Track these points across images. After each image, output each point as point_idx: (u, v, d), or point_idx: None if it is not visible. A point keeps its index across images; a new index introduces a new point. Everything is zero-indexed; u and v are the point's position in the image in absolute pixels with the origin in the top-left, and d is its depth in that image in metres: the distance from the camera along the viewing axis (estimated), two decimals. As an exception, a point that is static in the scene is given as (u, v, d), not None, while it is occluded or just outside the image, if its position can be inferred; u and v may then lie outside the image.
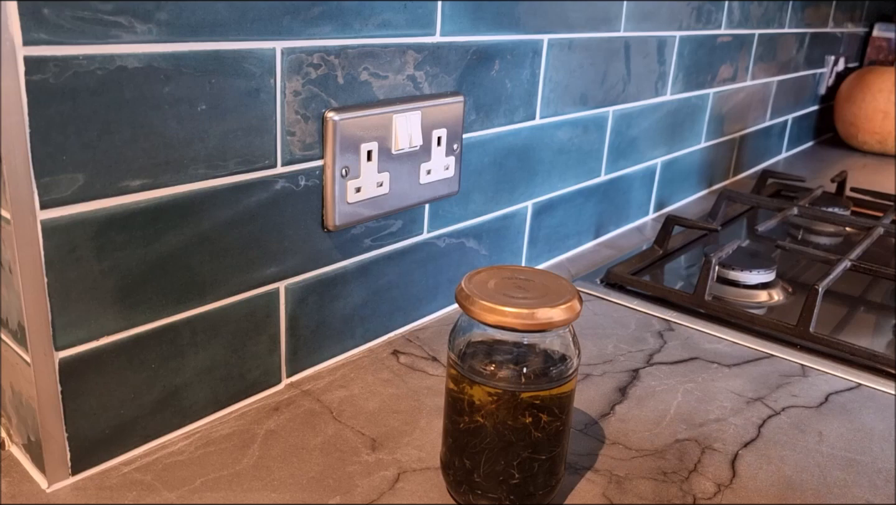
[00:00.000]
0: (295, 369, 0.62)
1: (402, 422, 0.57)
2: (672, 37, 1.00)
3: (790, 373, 0.68)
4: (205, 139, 0.49)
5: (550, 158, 0.84)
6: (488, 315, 0.44)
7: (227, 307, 0.54)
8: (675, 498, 0.50)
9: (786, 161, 1.58)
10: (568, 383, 0.46)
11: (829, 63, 1.67)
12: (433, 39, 0.64)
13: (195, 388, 0.54)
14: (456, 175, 0.70)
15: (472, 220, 0.76)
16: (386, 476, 0.51)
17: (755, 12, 1.22)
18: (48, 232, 0.43)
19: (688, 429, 0.58)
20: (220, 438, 0.54)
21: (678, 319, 0.77)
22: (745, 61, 1.25)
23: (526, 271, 0.49)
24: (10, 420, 0.51)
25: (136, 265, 0.48)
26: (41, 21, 0.40)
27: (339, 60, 0.57)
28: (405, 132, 0.62)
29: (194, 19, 0.47)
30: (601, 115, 0.91)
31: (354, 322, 0.66)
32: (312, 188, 0.58)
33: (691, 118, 1.14)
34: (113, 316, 0.48)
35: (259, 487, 0.49)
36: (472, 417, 0.46)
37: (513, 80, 0.75)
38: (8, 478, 0.48)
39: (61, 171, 0.43)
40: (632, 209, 1.06)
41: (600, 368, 0.67)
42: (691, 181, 1.21)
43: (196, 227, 0.51)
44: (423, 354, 0.68)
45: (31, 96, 0.41)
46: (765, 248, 0.95)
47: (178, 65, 0.47)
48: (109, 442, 0.50)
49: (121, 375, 0.49)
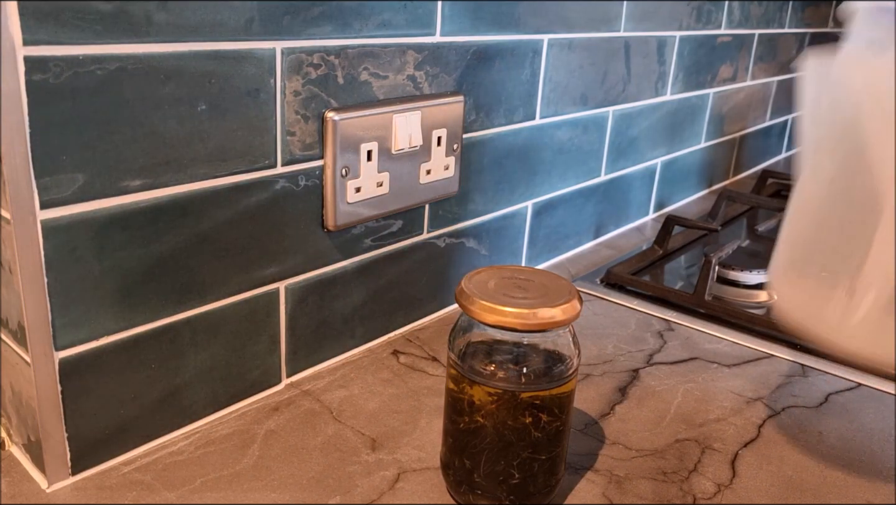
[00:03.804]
0: (295, 369, 0.62)
1: (402, 422, 0.57)
2: (672, 37, 1.00)
3: (790, 373, 0.68)
4: (205, 139, 0.49)
5: (550, 158, 0.84)
6: (488, 315, 0.44)
7: (227, 307, 0.54)
8: (675, 498, 0.50)
9: (786, 161, 1.58)
10: (568, 383, 0.46)
11: (829, 63, 1.67)
12: (433, 39, 0.64)
13: (195, 388, 0.54)
14: (456, 175, 0.70)
15: (472, 220, 0.76)
16: (386, 476, 0.51)
17: (755, 12, 1.22)
18: (48, 232, 0.43)
19: (688, 429, 0.58)
20: (220, 438, 0.54)
21: (678, 319, 0.77)
22: (745, 61, 1.25)
23: (526, 271, 0.49)
24: (10, 420, 0.51)
25: (136, 265, 0.48)
26: (41, 21, 0.40)
27: (339, 60, 0.57)
28: (405, 132, 0.62)
29: (194, 19, 0.47)
30: (601, 115, 0.91)
31: (354, 322, 0.66)
32: (312, 188, 0.58)
33: (691, 118, 1.14)
34: (113, 316, 0.48)
35: (259, 487, 0.49)
36: (472, 417, 0.46)
37: (513, 81, 0.75)
38: (8, 478, 0.48)
39: (61, 171, 0.43)
40: (632, 209, 1.06)
41: (600, 368, 0.67)
42: (691, 181, 1.21)
43: (196, 228, 0.51)
44: (423, 354, 0.68)
45: (31, 96, 0.41)
46: (765, 248, 0.95)
47: (178, 65, 0.47)
48: (109, 442, 0.50)
49: (121, 375, 0.49)
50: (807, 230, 0.47)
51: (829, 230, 0.45)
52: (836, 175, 0.45)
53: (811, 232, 0.46)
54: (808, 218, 0.47)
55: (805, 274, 0.47)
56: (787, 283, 0.48)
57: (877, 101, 0.41)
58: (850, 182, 0.44)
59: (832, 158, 0.45)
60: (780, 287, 0.48)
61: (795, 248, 0.48)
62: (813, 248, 0.46)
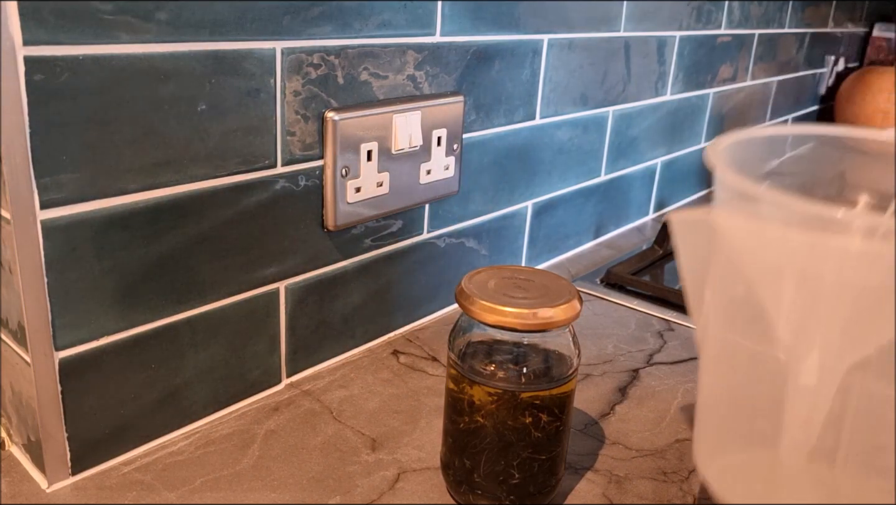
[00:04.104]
0: (295, 369, 0.62)
1: (402, 422, 0.57)
2: (672, 37, 1.00)
3: (790, 373, 0.68)
4: (205, 139, 0.49)
5: (550, 158, 0.84)
6: (488, 315, 0.44)
7: (227, 307, 0.54)
8: (675, 498, 0.50)
9: (786, 161, 1.58)
10: (568, 383, 0.46)
11: (829, 63, 1.67)
12: (433, 39, 0.64)
13: (195, 388, 0.54)
14: (456, 175, 0.70)
15: (472, 220, 0.76)
16: (386, 476, 0.51)
17: (755, 12, 1.22)
18: (48, 232, 0.43)
19: (688, 429, 0.58)
20: (220, 438, 0.54)
21: (678, 319, 0.77)
22: (745, 61, 1.25)
23: (526, 271, 0.49)
24: (10, 420, 0.51)
25: (136, 265, 0.48)
26: (41, 21, 0.40)
27: (339, 60, 0.57)
28: (405, 132, 0.62)
29: (194, 19, 0.47)
30: (601, 115, 0.91)
31: (354, 322, 0.66)
32: (312, 188, 0.58)
33: (691, 118, 1.14)
34: (113, 316, 0.48)
35: (259, 487, 0.49)
36: (472, 417, 0.46)
37: (513, 80, 0.75)
38: (8, 478, 0.48)
39: (61, 171, 0.43)
40: (632, 209, 1.06)
41: (600, 368, 0.67)
42: (691, 181, 1.21)
43: (196, 227, 0.51)
44: (423, 354, 0.68)
45: (31, 96, 0.41)
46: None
47: (178, 65, 0.47)
48: (109, 442, 0.50)
49: (121, 375, 0.49)
50: (721, 411, 0.46)
51: (742, 405, 0.44)
52: (733, 348, 0.44)
53: (726, 411, 0.46)
54: (719, 398, 0.46)
55: (729, 451, 0.46)
56: (713, 466, 0.47)
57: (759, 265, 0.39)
58: (749, 352, 0.43)
59: (730, 329, 0.44)
60: (707, 472, 0.47)
61: (715, 432, 0.47)
62: (731, 426, 0.46)
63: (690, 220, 0.43)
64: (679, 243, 0.44)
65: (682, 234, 0.44)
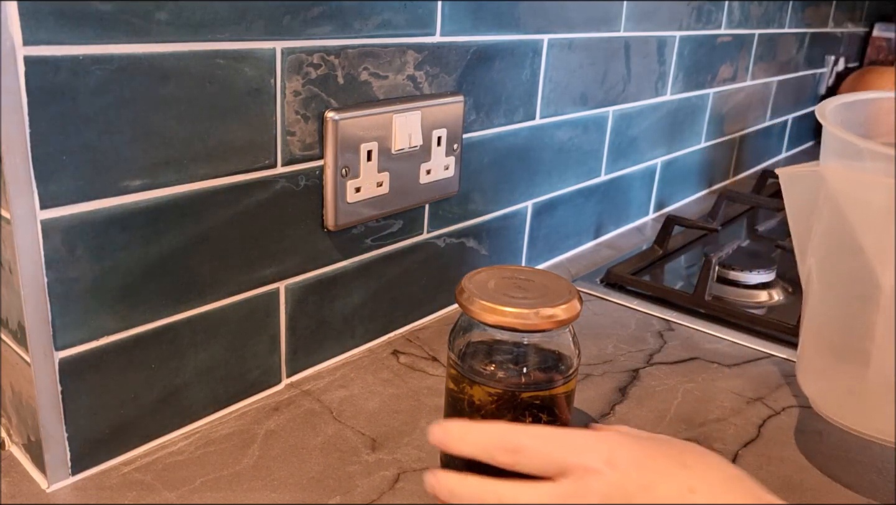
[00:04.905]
0: (295, 369, 0.62)
1: (402, 422, 0.57)
2: (672, 37, 1.00)
3: (790, 373, 0.68)
4: (205, 139, 0.49)
5: (550, 158, 0.84)
6: (488, 315, 0.44)
7: (227, 307, 0.54)
8: (675, 498, 0.50)
9: (786, 161, 1.58)
10: (568, 383, 0.46)
11: (829, 63, 1.67)
12: (433, 39, 0.64)
13: (195, 388, 0.54)
14: (456, 175, 0.70)
15: (472, 220, 0.76)
16: (386, 476, 0.51)
17: (755, 12, 1.22)
18: (48, 232, 0.43)
19: (688, 429, 0.58)
20: (220, 438, 0.54)
21: (678, 319, 0.77)
22: (745, 61, 1.25)
23: (526, 271, 0.49)
24: (10, 420, 0.51)
25: (136, 265, 0.48)
26: (41, 21, 0.40)
27: (339, 60, 0.57)
28: (405, 132, 0.62)
29: (194, 19, 0.47)
30: (601, 115, 0.91)
31: (354, 322, 0.66)
32: (312, 188, 0.58)
33: (691, 118, 1.14)
34: (113, 316, 0.48)
35: (259, 487, 0.49)
36: (472, 417, 0.46)
37: (513, 80, 0.75)
38: (8, 478, 0.48)
39: (61, 171, 0.43)
40: (632, 209, 1.06)
41: (600, 368, 0.67)
42: (691, 181, 1.21)
43: (196, 227, 0.51)
44: (423, 354, 0.68)
45: (31, 96, 0.41)
46: (765, 248, 0.95)
47: (178, 65, 0.47)
48: (109, 442, 0.50)
49: (121, 375, 0.49)
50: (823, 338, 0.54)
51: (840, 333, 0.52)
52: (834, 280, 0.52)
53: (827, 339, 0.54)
54: (818, 320, 0.54)
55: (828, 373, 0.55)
56: (813, 385, 0.55)
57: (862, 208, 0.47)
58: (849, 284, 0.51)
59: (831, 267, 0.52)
60: (808, 390, 0.56)
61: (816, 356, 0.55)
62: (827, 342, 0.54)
63: (798, 174, 0.50)
64: (787, 195, 0.51)
65: (791, 186, 0.51)
